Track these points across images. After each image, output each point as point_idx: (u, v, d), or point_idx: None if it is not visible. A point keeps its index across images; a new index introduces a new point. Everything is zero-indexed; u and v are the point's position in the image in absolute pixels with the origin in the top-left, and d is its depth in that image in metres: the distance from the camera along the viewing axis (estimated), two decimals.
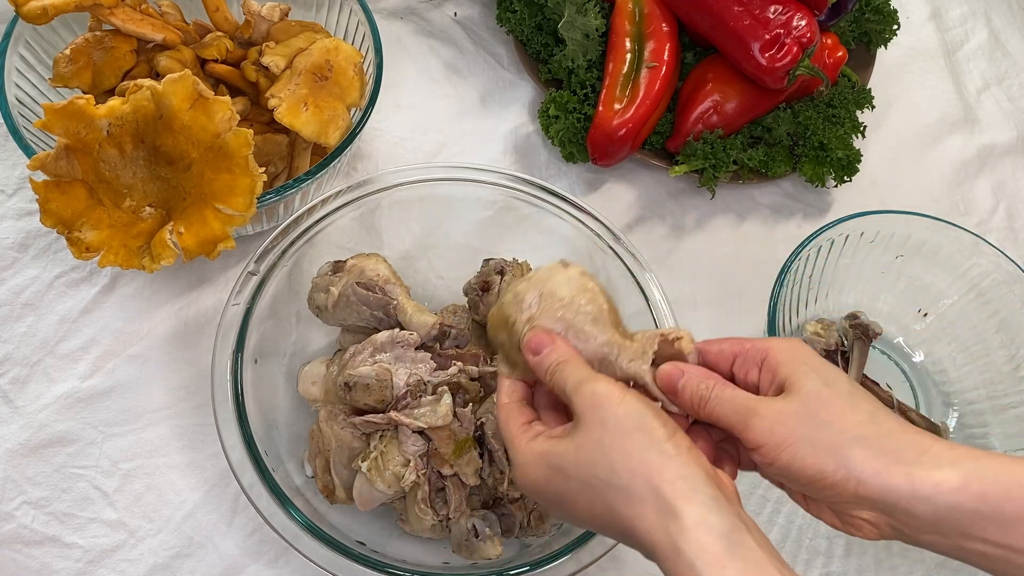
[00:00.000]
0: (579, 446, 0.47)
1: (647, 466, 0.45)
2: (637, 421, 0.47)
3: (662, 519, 0.43)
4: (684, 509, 0.43)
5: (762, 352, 0.50)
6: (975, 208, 0.97)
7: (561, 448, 0.48)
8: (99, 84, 0.73)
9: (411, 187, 0.74)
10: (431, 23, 1.00)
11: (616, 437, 0.46)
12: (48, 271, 0.78)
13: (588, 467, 0.46)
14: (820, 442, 0.46)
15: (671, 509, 0.43)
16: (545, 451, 0.49)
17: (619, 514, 0.45)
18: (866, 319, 0.80)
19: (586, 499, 0.47)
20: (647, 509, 0.44)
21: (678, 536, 0.42)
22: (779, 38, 0.82)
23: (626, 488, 0.45)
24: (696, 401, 0.50)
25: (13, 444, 0.71)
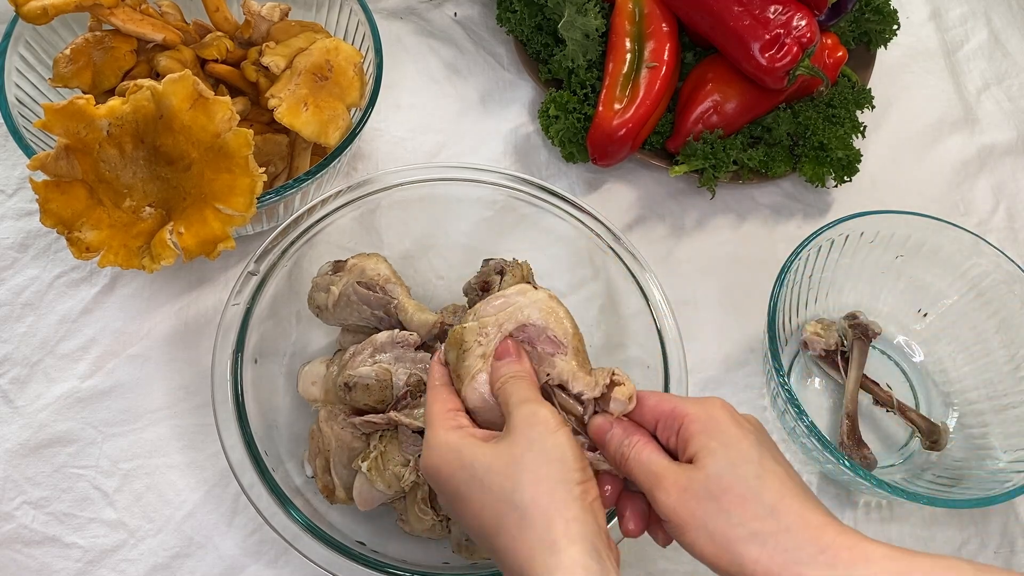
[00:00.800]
0: (498, 454, 0.48)
1: (551, 498, 0.46)
2: (561, 454, 0.48)
3: (543, 550, 0.44)
4: (566, 548, 0.44)
5: (679, 419, 0.50)
6: (975, 208, 0.97)
7: (480, 450, 0.49)
8: (99, 84, 0.73)
9: (411, 187, 0.74)
10: (431, 23, 1.00)
11: (536, 460, 0.47)
12: (48, 271, 0.78)
13: (497, 476, 0.47)
14: (717, 532, 0.46)
15: (555, 544, 0.44)
16: (463, 446, 0.50)
17: (505, 530, 0.46)
18: (865, 319, 0.80)
19: (480, 505, 0.47)
20: (532, 536, 0.45)
21: (554, 570, 0.43)
22: (779, 38, 0.82)
23: (523, 509, 0.46)
24: (617, 457, 0.51)
25: (13, 444, 0.71)
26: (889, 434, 0.80)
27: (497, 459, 0.48)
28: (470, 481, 0.48)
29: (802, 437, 0.72)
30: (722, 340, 0.84)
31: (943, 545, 0.76)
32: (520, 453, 0.48)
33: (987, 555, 0.76)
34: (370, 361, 0.65)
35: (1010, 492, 0.68)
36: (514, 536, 0.45)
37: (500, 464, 0.48)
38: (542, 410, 0.50)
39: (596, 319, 0.78)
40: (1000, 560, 0.76)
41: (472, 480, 0.48)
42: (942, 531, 0.77)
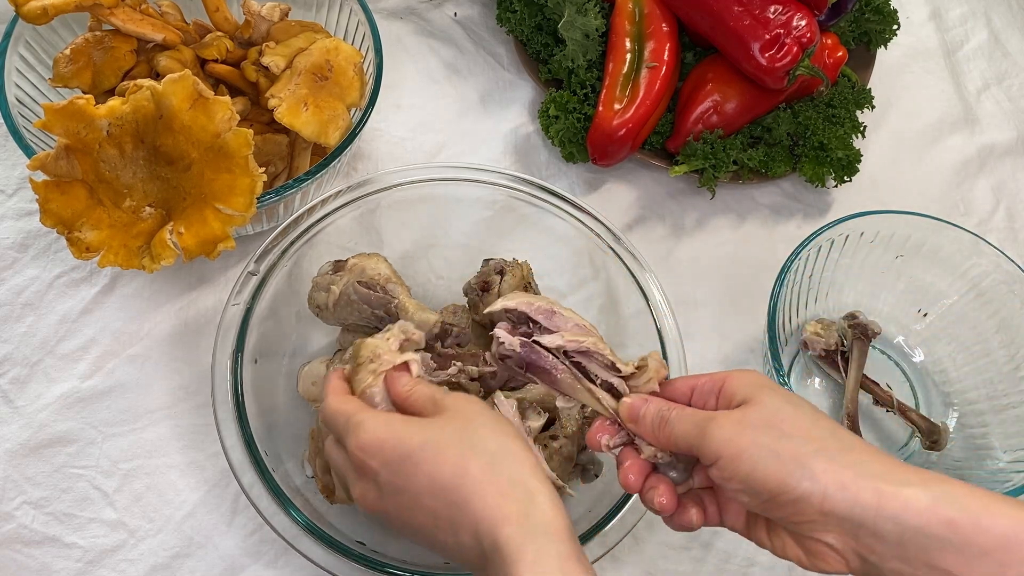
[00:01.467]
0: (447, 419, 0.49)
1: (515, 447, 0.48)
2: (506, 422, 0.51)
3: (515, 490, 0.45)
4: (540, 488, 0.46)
5: (719, 381, 0.50)
6: (975, 208, 0.97)
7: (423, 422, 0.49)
8: (99, 84, 0.73)
9: (411, 187, 0.74)
10: (431, 23, 1.00)
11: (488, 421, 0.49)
12: (48, 271, 0.78)
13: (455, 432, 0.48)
14: (783, 451, 0.45)
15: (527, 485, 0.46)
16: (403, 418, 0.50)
17: (470, 477, 0.46)
18: (865, 319, 0.80)
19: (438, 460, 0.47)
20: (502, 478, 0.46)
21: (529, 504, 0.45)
22: (779, 38, 0.82)
23: (491, 454, 0.47)
24: (657, 423, 0.51)
25: (13, 444, 0.71)
26: (889, 434, 0.80)
27: (449, 422, 0.49)
28: (423, 444, 0.47)
29: None
30: (722, 340, 0.84)
31: None
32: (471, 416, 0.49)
33: None
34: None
35: (1010, 492, 0.68)
36: (482, 479, 0.46)
37: (454, 425, 0.48)
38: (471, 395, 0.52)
39: (596, 319, 0.78)
40: None
41: (425, 443, 0.47)
42: None
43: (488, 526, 0.44)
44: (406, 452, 0.48)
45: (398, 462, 0.48)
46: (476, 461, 0.46)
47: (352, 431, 0.50)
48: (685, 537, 0.73)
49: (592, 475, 0.69)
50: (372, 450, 0.49)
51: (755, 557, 0.74)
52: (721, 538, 0.74)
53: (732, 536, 0.74)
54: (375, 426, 0.49)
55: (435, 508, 0.47)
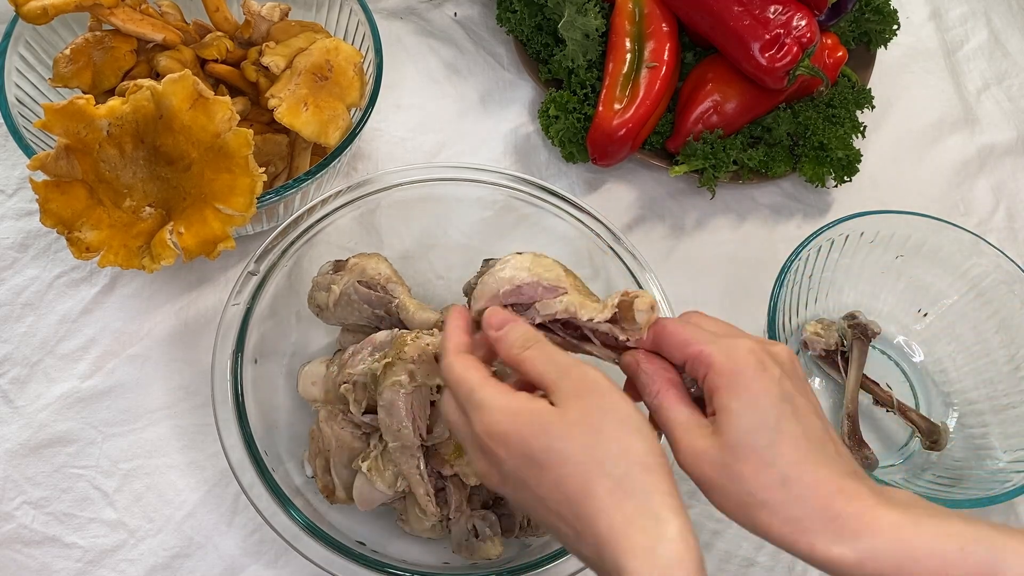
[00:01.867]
0: (572, 422, 0.46)
1: (646, 471, 0.45)
2: (638, 423, 0.46)
3: (645, 519, 0.43)
4: (671, 519, 0.43)
5: (704, 366, 0.49)
6: (975, 208, 0.97)
7: (551, 415, 0.46)
8: (99, 84, 0.73)
9: (411, 187, 0.74)
10: (431, 23, 1.00)
11: (618, 429, 0.46)
12: (48, 271, 0.78)
13: (580, 444, 0.45)
14: (731, 496, 0.46)
15: (660, 515, 0.43)
16: (531, 408, 0.47)
17: (595, 498, 0.44)
18: (864, 319, 0.80)
19: (563, 472, 0.45)
20: (632, 504, 0.43)
21: (657, 539, 0.42)
22: (779, 38, 0.82)
23: (618, 478, 0.44)
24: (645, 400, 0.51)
25: (13, 444, 0.71)
26: (889, 434, 0.80)
27: (573, 427, 0.46)
28: (547, 450, 0.45)
29: None
30: None
31: None
32: (597, 422, 0.46)
33: None
34: (369, 360, 0.65)
35: (1010, 492, 0.68)
36: (609, 502, 0.44)
37: (579, 433, 0.45)
38: (591, 371, 0.48)
39: None
40: None
41: (550, 449, 0.45)
42: None
43: (612, 553, 0.43)
44: (530, 455, 0.46)
45: (523, 463, 0.46)
46: (602, 481, 0.44)
47: (476, 411, 0.48)
48: None
49: None
50: (498, 440, 0.47)
51: (755, 557, 0.74)
52: (721, 538, 0.74)
53: (732, 536, 0.74)
54: (500, 416, 0.47)
55: (560, 513, 0.46)
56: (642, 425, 0.46)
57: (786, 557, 0.74)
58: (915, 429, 0.78)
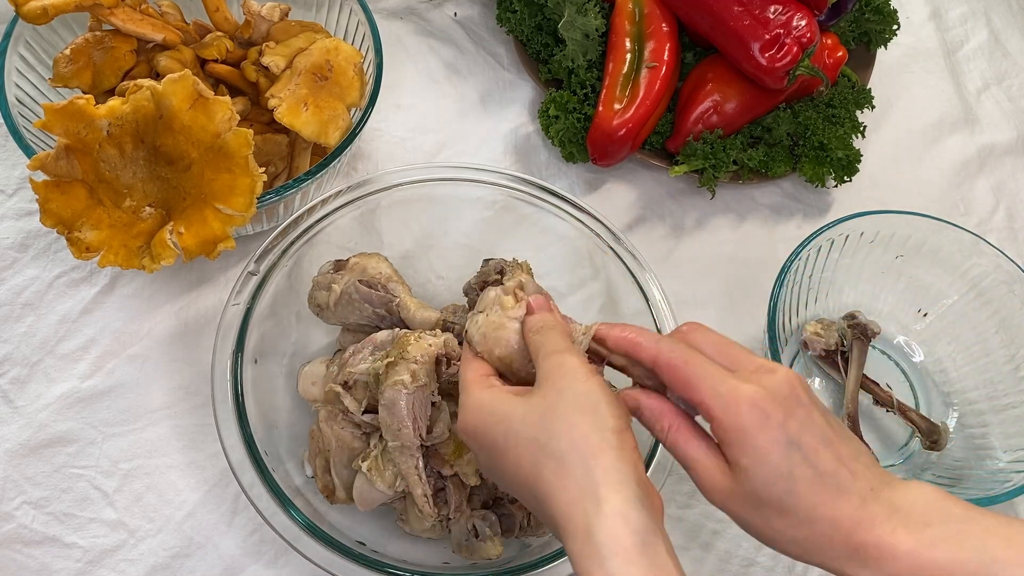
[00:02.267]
0: (532, 406, 0.48)
1: (587, 445, 0.45)
2: (593, 402, 0.47)
3: (583, 498, 0.44)
4: (608, 496, 0.44)
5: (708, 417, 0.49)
6: (975, 208, 0.97)
7: (513, 403, 0.49)
8: (99, 84, 0.73)
9: (411, 187, 0.74)
10: (431, 23, 1.00)
11: (568, 409, 0.47)
12: (48, 271, 0.78)
13: (532, 426, 0.47)
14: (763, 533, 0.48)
15: (595, 492, 0.44)
16: (495, 399, 0.50)
17: (543, 480, 0.46)
18: (864, 319, 0.80)
19: (517, 455, 0.47)
20: (572, 483, 0.44)
21: (594, 518, 0.43)
22: (779, 38, 0.82)
23: (561, 457, 0.45)
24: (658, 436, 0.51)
25: (13, 444, 0.71)
26: (889, 434, 0.80)
27: (531, 410, 0.48)
28: (507, 434, 0.48)
29: None
30: None
31: None
32: (552, 403, 0.47)
33: None
34: (370, 359, 0.65)
35: (1010, 492, 0.68)
36: (554, 484, 0.45)
37: (534, 415, 0.48)
38: (569, 358, 0.49)
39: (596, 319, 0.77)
40: None
41: (508, 433, 0.48)
42: None
43: (561, 535, 0.45)
44: (492, 441, 0.49)
45: (487, 450, 0.50)
46: (548, 463, 0.46)
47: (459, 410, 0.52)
48: (685, 537, 0.73)
49: None
50: (467, 433, 0.51)
51: (755, 557, 0.74)
52: (721, 538, 0.74)
53: (732, 536, 0.74)
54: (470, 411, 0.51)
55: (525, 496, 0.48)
56: (597, 403, 0.47)
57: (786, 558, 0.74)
58: (915, 429, 0.78)
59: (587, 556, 0.42)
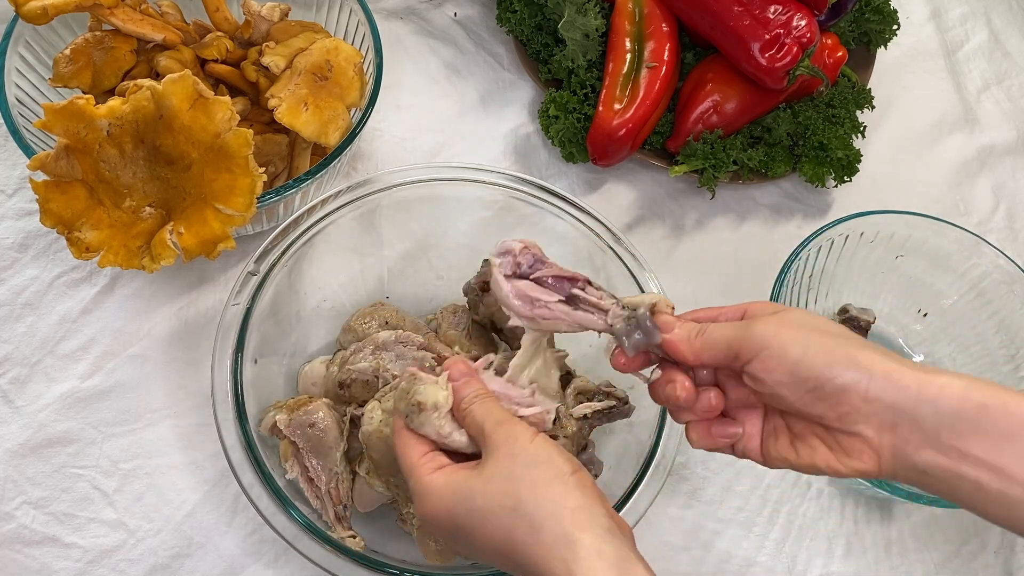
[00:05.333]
0: (488, 477, 0.48)
1: (551, 495, 0.46)
2: (545, 456, 0.48)
3: (558, 547, 0.44)
4: (580, 538, 0.44)
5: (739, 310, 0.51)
6: (975, 208, 0.97)
7: (469, 482, 0.49)
8: (99, 84, 0.73)
9: (411, 187, 0.74)
10: (431, 23, 1.00)
11: (525, 468, 0.47)
12: (48, 271, 0.78)
13: (496, 496, 0.47)
14: (829, 343, 0.47)
15: (568, 537, 0.44)
16: (451, 481, 0.49)
17: (518, 543, 0.46)
18: (856, 310, 0.80)
19: (489, 528, 0.47)
20: (546, 536, 0.45)
21: (572, 563, 0.43)
22: (779, 38, 0.82)
23: (530, 516, 0.46)
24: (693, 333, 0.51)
25: (13, 444, 0.71)
26: None
27: (489, 482, 0.48)
28: (470, 513, 0.48)
29: None
30: None
31: (943, 545, 0.76)
32: (508, 469, 0.48)
33: (987, 555, 0.76)
34: (370, 358, 0.65)
35: None
36: (529, 544, 0.45)
37: (494, 486, 0.48)
38: (517, 426, 0.50)
39: None
40: (1000, 560, 0.76)
41: (472, 512, 0.47)
42: (942, 531, 0.76)
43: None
44: (457, 525, 0.48)
45: (453, 533, 0.49)
46: (520, 526, 0.46)
47: (414, 498, 0.51)
48: (685, 537, 0.73)
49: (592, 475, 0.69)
50: (430, 521, 0.50)
51: (755, 557, 0.74)
52: (721, 538, 0.74)
53: (732, 536, 0.74)
54: (427, 499, 0.50)
55: (504, 565, 0.48)
56: (551, 455, 0.48)
57: (786, 557, 0.74)
58: None
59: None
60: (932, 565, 0.75)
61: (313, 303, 0.75)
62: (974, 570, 0.75)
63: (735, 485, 0.76)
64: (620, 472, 0.67)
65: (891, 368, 0.45)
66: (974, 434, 0.43)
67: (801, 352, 0.46)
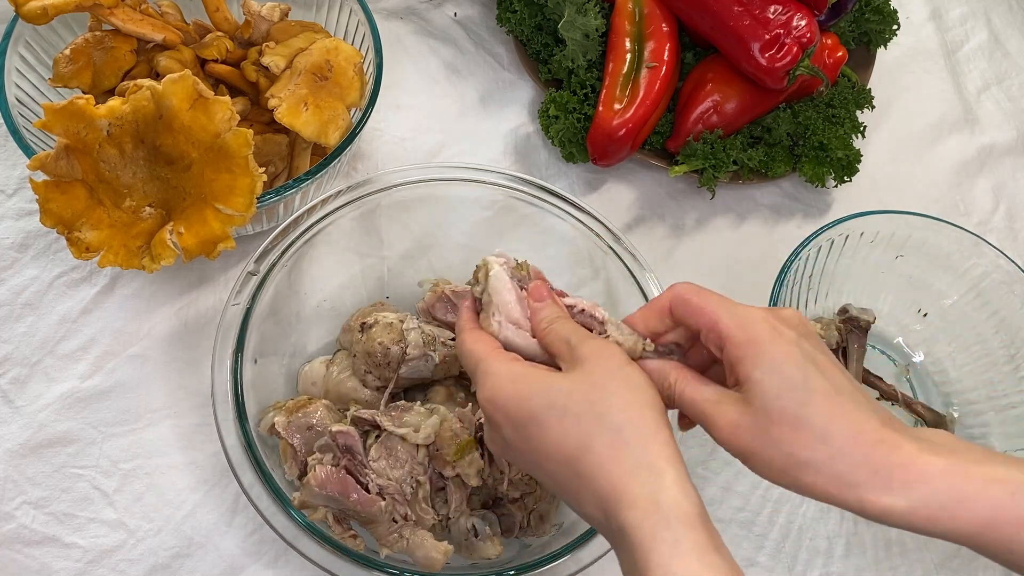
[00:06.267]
0: (576, 381, 0.47)
1: (643, 421, 0.46)
2: (642, 381, 0.48)
3: (640, 469, 0.44)
4: (667, 469, 0.44)
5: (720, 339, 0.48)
6: (975, 208, 0.97)
7: (552, 376, 0.48)
8: (99, 84, 0.73)
9: (411, 187, 0.74)
10: (431, 23, 1.00)
11: (621, 387, 0.47)
12: (48, 271, 0.78)
13: (582, 400, 0.46)
14: (773, 461, 0.45)
15: (654, 465, 0.44)
16: (530, 371, 0.48)
17: (593, 452, 0.45)
18: (855, 310, 0.80)
19: (566, 426, 0.46)
20: (629, 456, 0.44)
21: (658, 491, 0.43)
22: (779, 38, 0.82)
23: (617, 430, 0.45)
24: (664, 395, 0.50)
25: (13, 444, 0.71)
26: None
27: (578, 384, 0.47)
28: (550, 406, 0.46)
29: None
30: None
31: (943, 545, 0.76)
32: (602, 380, 0.47)
33: None
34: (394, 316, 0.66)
35: None
36: (607, 456, 0.44)
37: (581, 389, 0.46)
38: (611, 345, 0.50)
39: None
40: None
41: (551, 406, 0.46)
42: None
43: (614, 507, 0.43)
44: (531, 414, 0.47)
45: (523, 423, 0.47)
46: (602, 435, 0.45)
47: (480, 380, 0.49)
48: None
49: None
50: (498, 404, 0.48)
51: (755, 557, 0.74)
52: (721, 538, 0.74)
53: (732, 536, 0.74)
54: (502, 381, 0.48)
55: (560, 474, 0.46)
56: (647, 384, 0.48)
57: (786, 557, 0.74)
58: (922, 421, 0.78)
59: (651, 523, 0.42)
60: (932, 565, 0.75)
61: (313, 303, 0.75)
62: (974, 570, 0.75)
63: (735, 485, 0.76)
64: None
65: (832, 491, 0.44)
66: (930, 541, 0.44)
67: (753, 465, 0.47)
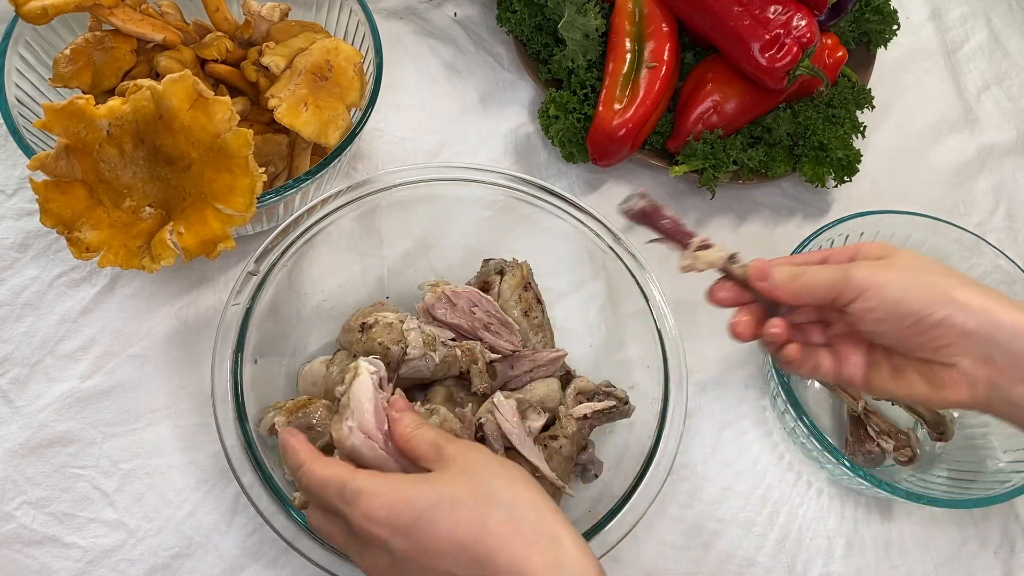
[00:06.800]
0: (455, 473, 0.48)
1: (530, 494, 0.47)
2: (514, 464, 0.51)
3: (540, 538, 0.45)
4: (563, 533, 0.45)
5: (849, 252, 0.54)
6: (975, 208, 0.97)
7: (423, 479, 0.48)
8: (99, 84, 0.72)
9: (411, 187, 0.74)
10: (431, 23, 1.00)
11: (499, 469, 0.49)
12: (48, 271, 0.78)
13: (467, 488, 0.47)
14: (927, 283, 0.49)
15: (551, 531, 0.45)
16: (406, 477, 0.49)
17: (489, 532, 0.45)
18: None
19: (454, 519, 0.45)
20: (525, 528, 0.45)
21: (560, 555, 0.44)
22: (779, 38, 0.82)
23: (509, 505, 0.46)
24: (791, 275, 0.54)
25: (13, 444, 0.71)
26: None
27: (458, 476, 0.48)
28: (436, 504, 0.46)
29: (802, 438, 0.72)
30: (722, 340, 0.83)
31: (943, 545, 0.76)
32: (479, 468, 0.48)
33: (987, 555, 0.76)
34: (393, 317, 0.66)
35: (1010, 492, 0.68)
36: (504, 531, 0.45)
37: (464, 479, 0.47)
38: (476, 443, 0.53)
39: (596, 319, 0.78)
40: (1000, 560, 0.76)
41: (438, 501, 0.46)
42: (942, 531, 0.77)
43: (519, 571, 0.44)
44: (418, 513, 0.46)
45: (410, 524, 0.46)
46: (495, 514, 0.45)
47: (354, 500, 0.47)
48: (685, 537, 0.73)
49: (592, 475, 0.69)
50: (380, 517, 0.46)
51: (755, 557, 0.74)
52: (721, 538, 0.74)
53: (732, 536, 0.74)
54: (380, 489, 0.47)
55: (457, 568, 0.45)
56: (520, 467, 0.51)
57: (786, 557, 0.74)
58: (921, 420, 0.78)
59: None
60: (932, 565, 0.75)
61: (313, 303, 0.75)
62: (974, 570, 0.75)
63: (735, 485, 0.76)
64: (620, 472, 0.67)
65: (989, 304, 0.48)
66: None
67: (900, 293, 0.49)
